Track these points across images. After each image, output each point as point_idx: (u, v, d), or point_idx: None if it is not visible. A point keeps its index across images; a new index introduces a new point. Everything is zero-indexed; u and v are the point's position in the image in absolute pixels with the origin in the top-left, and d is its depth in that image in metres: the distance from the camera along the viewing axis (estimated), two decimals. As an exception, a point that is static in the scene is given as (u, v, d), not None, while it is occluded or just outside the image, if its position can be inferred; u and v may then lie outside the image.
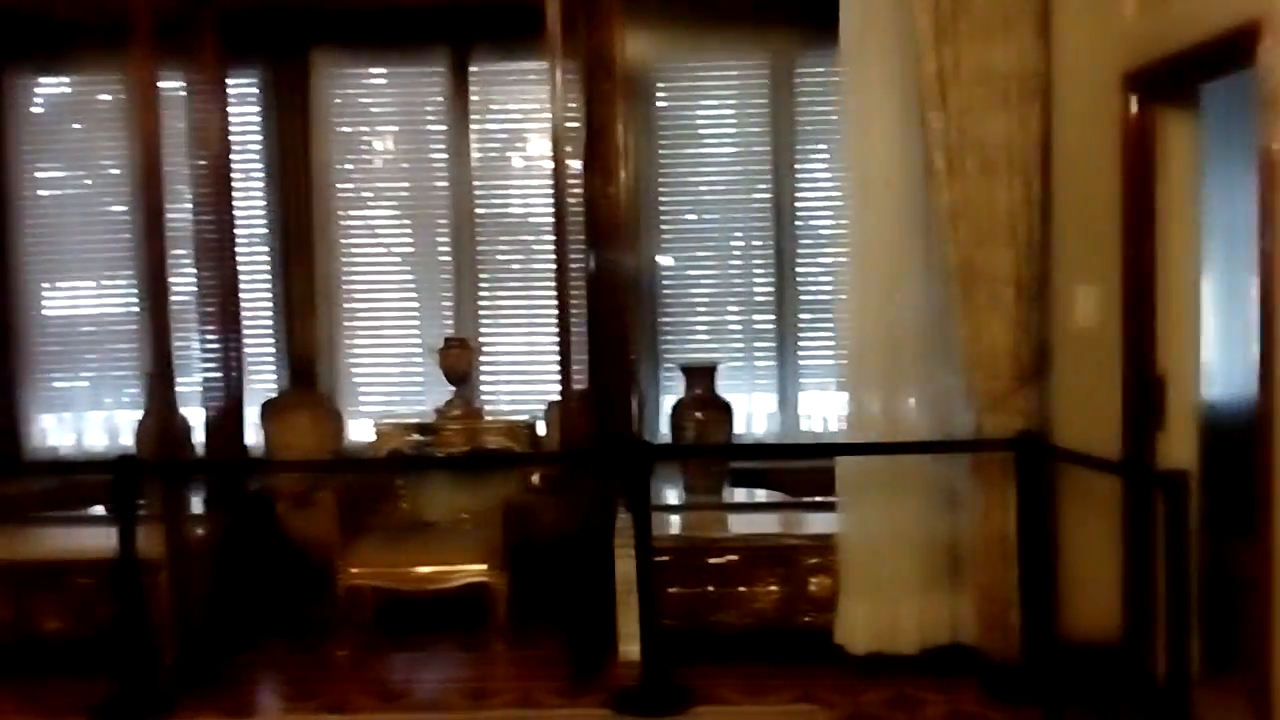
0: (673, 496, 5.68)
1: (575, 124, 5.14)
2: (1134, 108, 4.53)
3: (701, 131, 6.29)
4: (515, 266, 6.38)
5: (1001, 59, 4.61)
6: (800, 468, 5.56)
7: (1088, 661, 4.62)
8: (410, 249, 6.47)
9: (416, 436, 5.70)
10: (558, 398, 5.27)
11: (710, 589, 5.06)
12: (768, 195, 6.18)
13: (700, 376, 5.65)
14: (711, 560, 5.08)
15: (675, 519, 5.46)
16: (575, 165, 5.11)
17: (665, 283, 6.27)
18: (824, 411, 6.20)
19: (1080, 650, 4.67)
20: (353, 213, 6.41)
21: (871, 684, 4.68)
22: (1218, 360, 4.59)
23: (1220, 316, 4.56)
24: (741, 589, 5.06)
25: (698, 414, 5.62)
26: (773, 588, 5.05)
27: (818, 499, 5.27)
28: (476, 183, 6.30)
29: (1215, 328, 4.50)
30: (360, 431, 6.18)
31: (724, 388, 5.75)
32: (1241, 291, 4.00)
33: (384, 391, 6.48)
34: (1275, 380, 3.53)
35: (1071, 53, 4.69)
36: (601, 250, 5.24)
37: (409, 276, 6.48)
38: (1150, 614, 4.40)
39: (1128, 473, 4.33)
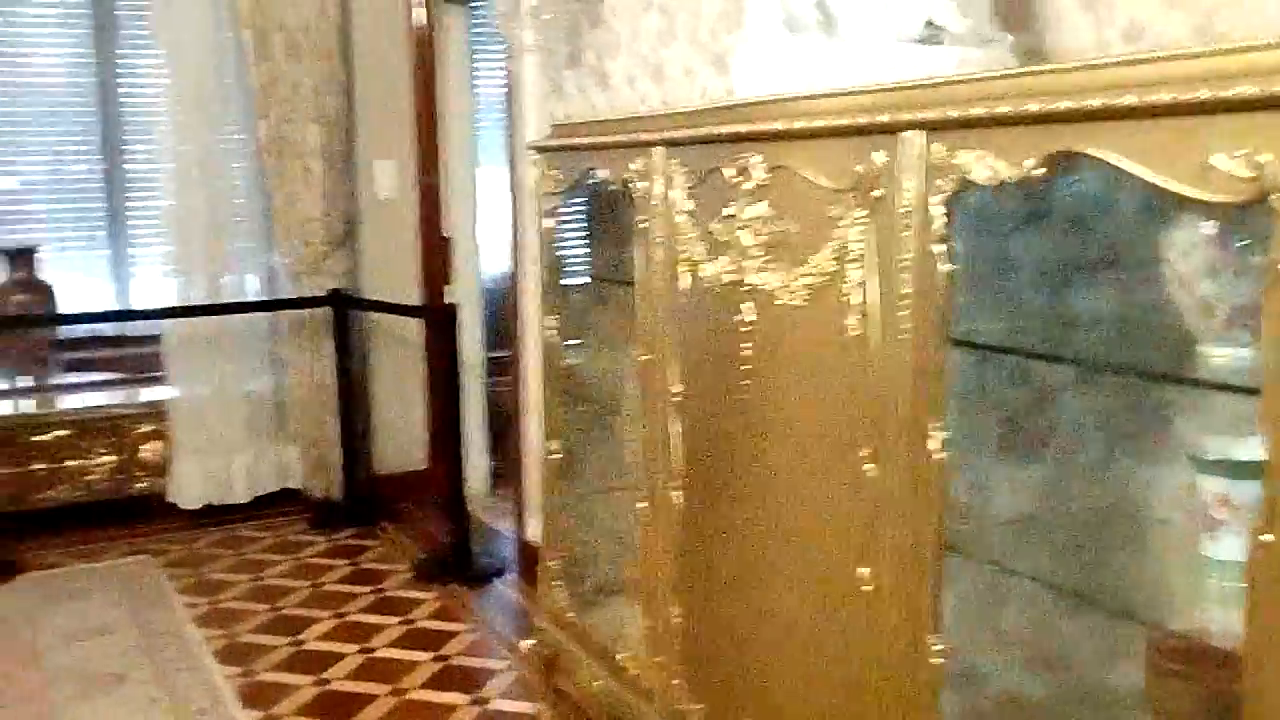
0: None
1: None
2: (422, 1, 5.16)
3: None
4: None
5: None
6: (134, 354, 5.64)
7: (400, 487, 5.33)
8: None
9: None
10: None
11: (38, 467, 5.07)
12: (91, 78, 6.06)
13: (20, 259, 5.52)
14: (39, 438, 5.08)
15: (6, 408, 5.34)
16: None
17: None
18: (158, 295, 6.28)
19: (393, 479, 5.37)
20: None
21: (204, 532, 5.02)
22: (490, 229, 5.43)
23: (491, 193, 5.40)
24: (72, 463, 5.13)
25: (18, 297, 5.50)
26: (105, 458, 5.17)
27: (148, 375, 5.43)
28: None
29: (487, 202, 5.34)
30: None
31: (58, 276, 5.63)
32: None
33: None
34: (521, 250, 4.32)
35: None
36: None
37: None
38: (452, 440, 5.17)
39: (422, 314, 5.01)
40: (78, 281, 6.00)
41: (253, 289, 5.35)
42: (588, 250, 3.16)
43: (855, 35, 2.06)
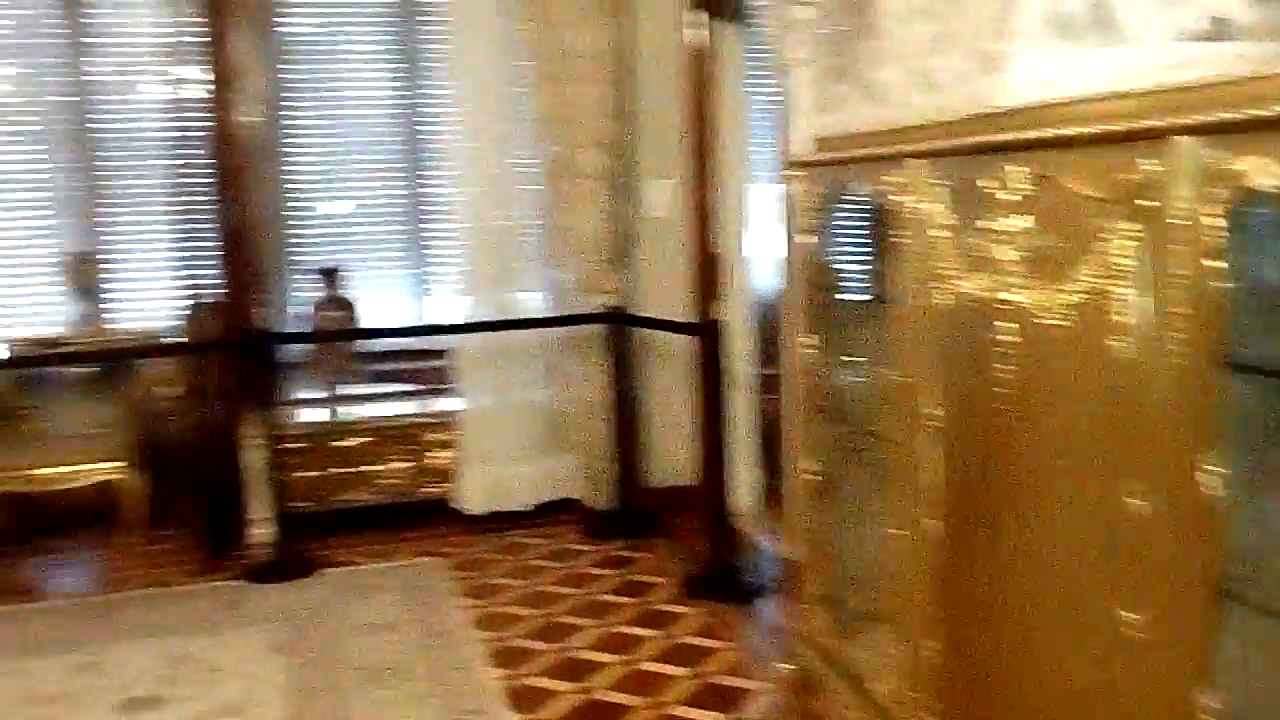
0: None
1: (193, 39, 5.25)
2: (698, 22, 5.20)
3: (325, 46, 6.50)
4: (138, 181, 6.33)
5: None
6: (429, 366, 5.99)
7: (671, 500, 5.39)
8: (35, 168, 6.33)
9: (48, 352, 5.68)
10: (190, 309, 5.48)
11: (341, 470, 5.46)
12: (396, 108, 6.48)
13: (329, 278, 5.98)
14: (342, 444, 5.48)
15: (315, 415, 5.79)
16: (197, 81, 5.25)
17: (297, 190, 6.46)
18: (451, 311, 6.63)
19: (664, 492, 5.43)
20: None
21: (486, 537, 5.25)
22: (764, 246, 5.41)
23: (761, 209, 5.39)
24: (370, 468, 5.50)
25: (328, 313, 5.96)
26: (399, 464, 5.52)
27: (440, 386, 5.76)
28: (97, 98, 6.25)
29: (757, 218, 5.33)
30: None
31: (362, 294, 6.06)
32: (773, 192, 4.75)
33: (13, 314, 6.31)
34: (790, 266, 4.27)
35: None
36: (228, 162, 5.39)
37: (28, 195, 6.32)
38: (718, 456, 5.18)
39: (693, 330, 5.05)
40: (379, 299, 6.45)
41: (536, 305, 5.57)
42: (861, 267, 3.09)
43: (1133, 35, 1.92)
